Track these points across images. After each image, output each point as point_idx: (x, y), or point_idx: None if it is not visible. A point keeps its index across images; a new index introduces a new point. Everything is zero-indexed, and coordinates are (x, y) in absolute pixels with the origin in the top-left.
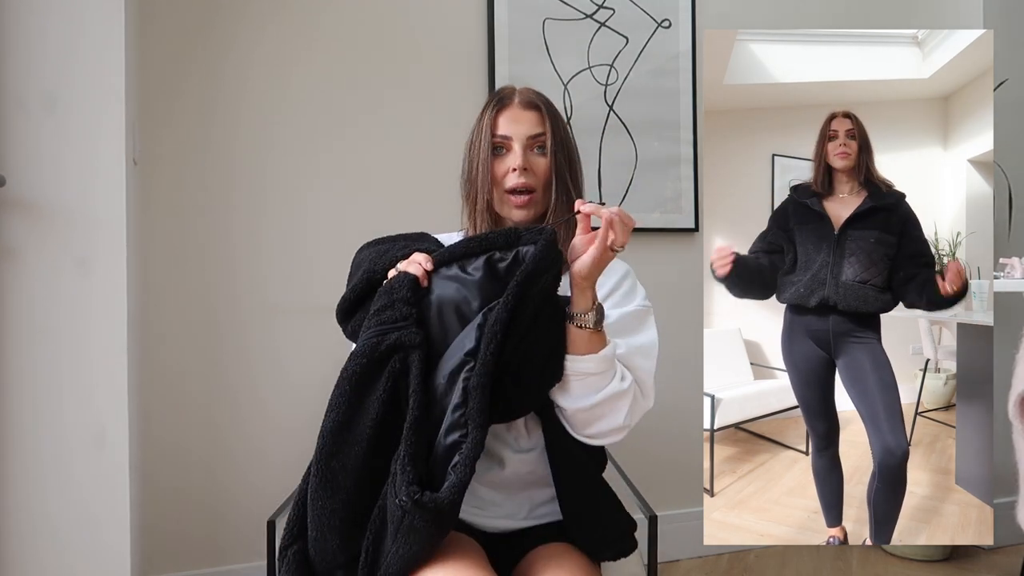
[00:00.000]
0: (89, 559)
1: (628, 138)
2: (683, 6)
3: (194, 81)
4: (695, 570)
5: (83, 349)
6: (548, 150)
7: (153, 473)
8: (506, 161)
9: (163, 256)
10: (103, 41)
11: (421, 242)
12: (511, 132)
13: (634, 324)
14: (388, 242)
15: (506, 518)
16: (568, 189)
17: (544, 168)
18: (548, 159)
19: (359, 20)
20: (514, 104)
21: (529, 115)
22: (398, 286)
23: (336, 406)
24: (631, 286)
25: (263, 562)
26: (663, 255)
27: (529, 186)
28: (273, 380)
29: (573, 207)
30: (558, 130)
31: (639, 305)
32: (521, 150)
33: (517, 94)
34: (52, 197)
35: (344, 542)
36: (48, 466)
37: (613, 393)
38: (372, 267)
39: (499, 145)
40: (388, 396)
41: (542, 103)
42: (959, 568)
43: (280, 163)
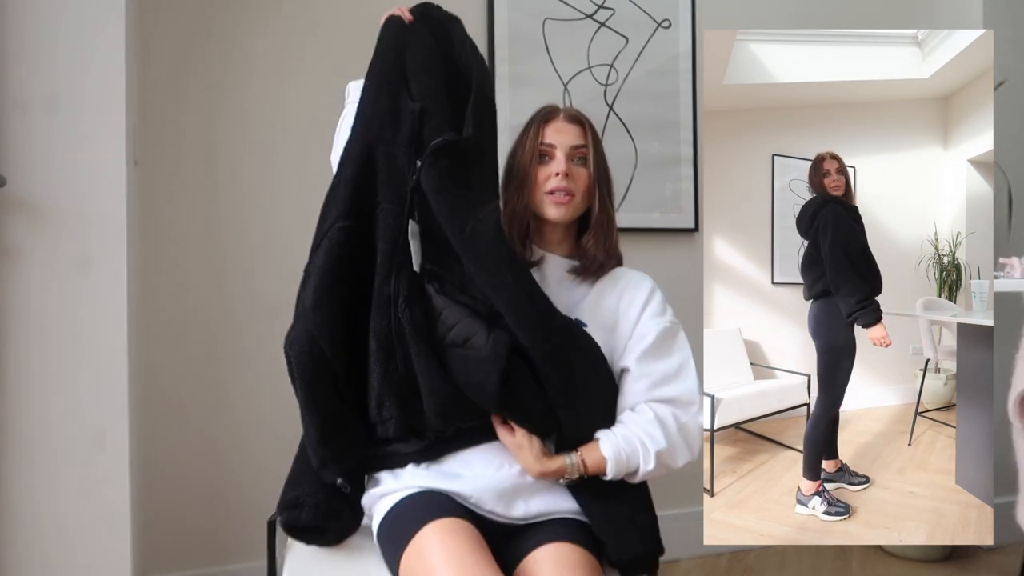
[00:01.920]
0: (89, 559)
1: (628, 138)
2: (683, 6)
3: (195, 81)
4: (695, 570)
5: (83, 349)
6: (589, 161)
7: (153, 473)
8: (549, 167)
9: (163, 256)
10: (104, 41)
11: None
12: (556, 141)
13: (666, 344)
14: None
15: (518, 507)
16: (604, 200)
17: (584, 177)
18: (589, 170)
19: (360, 19)
20: (559, 118)
21: (573, 128)
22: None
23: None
24: (661, 300)
25: (263, 562)
26: (663, 255)
27: (569, 190)
28: (273, 380)
29: (612, 215)
30: (598, 145)
31: (669, 322)
32: (564, 158)
33: (564, 109)
34: (52, 197)
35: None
36: (48, 466)
37: (646, 473)
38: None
39: (544, 153)
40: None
41: (585, 120)
42: (959, 568)
43: (280, 163)
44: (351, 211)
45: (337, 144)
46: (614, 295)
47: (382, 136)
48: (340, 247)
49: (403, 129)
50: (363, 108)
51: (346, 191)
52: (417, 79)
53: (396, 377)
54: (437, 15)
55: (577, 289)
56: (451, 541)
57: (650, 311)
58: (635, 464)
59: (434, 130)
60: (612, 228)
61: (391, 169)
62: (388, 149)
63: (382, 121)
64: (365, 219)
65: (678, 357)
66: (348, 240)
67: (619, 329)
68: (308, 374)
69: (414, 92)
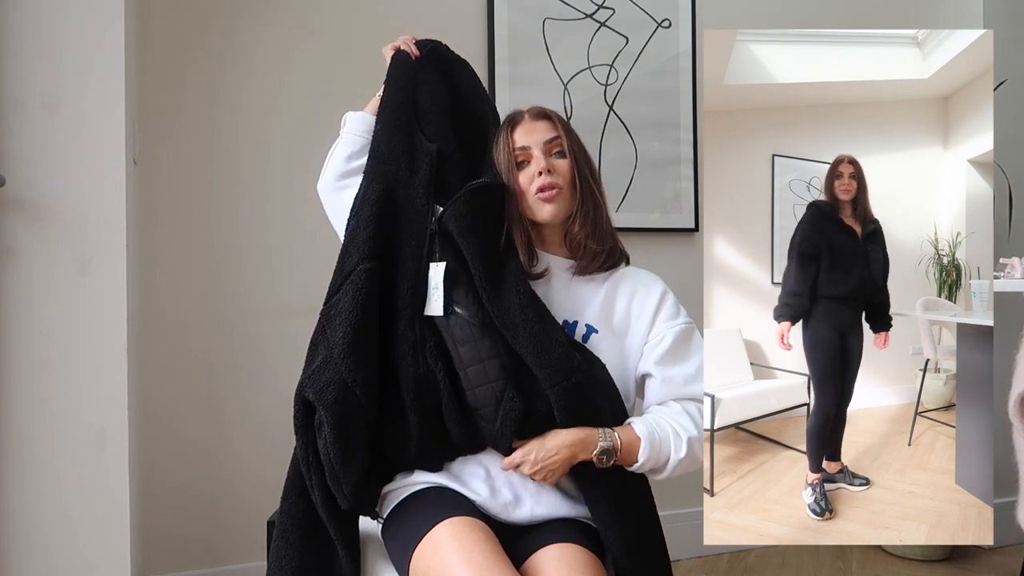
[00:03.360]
0: (89, 559)
1: (628, 138)
2: (683, 6)
3: (194, 81)
4: (695, 570)
5: (83, 349)
6: (566, 150)
7: (153, 473)
8: (529, 169)
9: (163, 256)
10: (103, 41)
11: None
12: (528, 142)
13: (683, 347)
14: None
15: (531, 506)
16: (591, 187)
17: (566, 168)
18: (568, 160)
19: (358, 20)
20: (524, 119)
21: (541, 124)
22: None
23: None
24: (674, 302)
25: (263, 562)
26: (663, 255)
27: (554, 184)
28: (273, 380)
29: (600, 201)
30: (571, 133)
31: (684, 323)
32: (541, 155)
33: (527, 109)
34: (52, 197)
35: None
36: (47, 466)
37: (678, 461)
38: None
39: (520, 159)
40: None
41: (551, 112)
42: (959, 568)
43: (280, 163)
44: (374, 253)
45: (327, 172)
46: (624, 297)
47: (399, 176)
48: (365, 290)
49: (420, 170)
50: (377, 148)
51: (367, 232)
52: (429, 119)
53: (435, 423)
54: (447, 56)
55: (586, 289)
56: (468, 539)
57: (664, 314)
58: (667, 451)
59: (456, 173)
60: (600, 215)
61: (410, 211)
62: (407, 191)
63: (398, 161)
64: (387, 261)
65: (696, 360)
66: (372, 282)
67: (632, 332)
68: (344, 423)
69: (427, 132)
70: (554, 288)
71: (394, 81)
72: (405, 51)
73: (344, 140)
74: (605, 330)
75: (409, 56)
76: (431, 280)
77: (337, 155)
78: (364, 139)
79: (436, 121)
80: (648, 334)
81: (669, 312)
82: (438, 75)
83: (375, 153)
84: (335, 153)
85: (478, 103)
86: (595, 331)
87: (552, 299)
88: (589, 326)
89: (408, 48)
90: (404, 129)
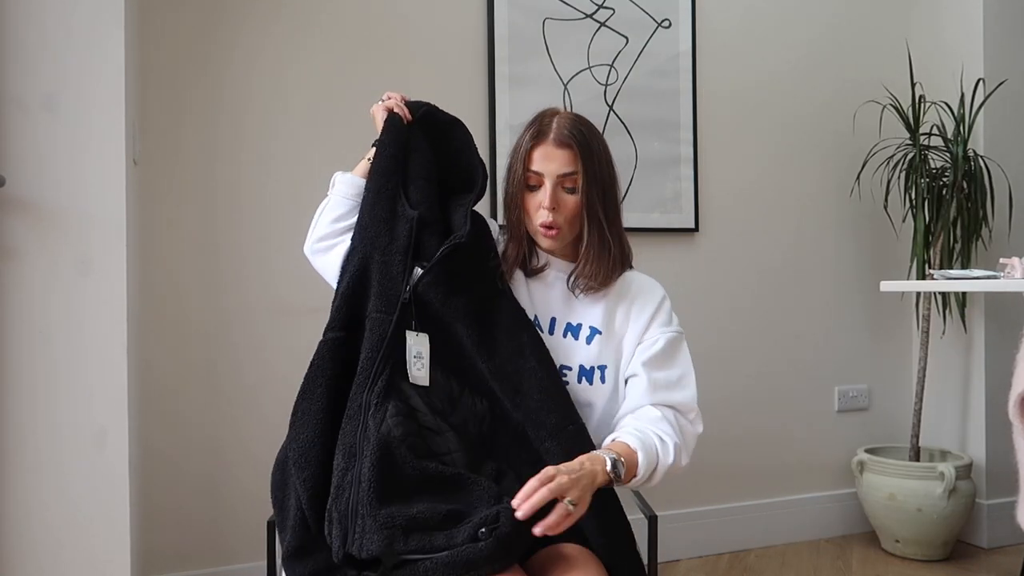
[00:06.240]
0: (89, 559)
1: (628, 138)
2: (683, 6)
3: (194, 81)
4: (695, 570)
5: (83, 349)
6: (579, 189)
7: (153, 473)
8: (537, 196)
9: (163, 256)
10: (103, 41)
11: None
12: (543, 169)
13: (671, 353)
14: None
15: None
16: (600, 223)
17: (573, 205)
18: (578, 197)
19: (359, 20)
20: (549, 140)
21: (562, 153)
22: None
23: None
24: (669, 310)
25: (263, 562)
26: (663, 255)
27: (554, 223)
28: (272, 380)
29: (608, 237)
30: (590, 166)
31: (675, 331)
32: (551, 187)
33: (554, 129)
34: (52, 197)
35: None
36: (48, 466)
37: (667, 468)
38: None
39: (532, 182)
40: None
41: (575, 142)
42: (959, 568)
43: (280, 163)
44: (341, 322)
45: (313, 233)
46: (625, 304)
47: (377, 244)
48: (325, 358)
49: (399, 236)
50: (362, 217)
51: (339, 301)
52: (416, 184)
53: (349, 492)
54: (440, 119)
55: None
56: None
57: (659, 320)
58: (658, 459)
59: (432, 235)
60: (607, 254)
61: (383, 278)
62: (383, 258)
63: (378, 229)
64: (355, 329)
65: (680, 367)
66: (335, 351)
67: (628, 337)
68: (277, 490)
69: (412, 198)
70: (552, 288)
71: (385, 147)
72: (398, 114)
73: (332, 202)
74: (607, 333)
75: (401, 120)
76: (412, 349)
77: (324, 217)
78: (352, 202)
79: (423, 187)
80: (643, 335)
81: (664, 319)
82: (429, 139)
83: (359, 222)
84: (322, 215)
85: (469, 158)
86: (599, 332)
87: (552, 300)
88: (593, 328)
89: (401, 111)
90: (388, 195)
